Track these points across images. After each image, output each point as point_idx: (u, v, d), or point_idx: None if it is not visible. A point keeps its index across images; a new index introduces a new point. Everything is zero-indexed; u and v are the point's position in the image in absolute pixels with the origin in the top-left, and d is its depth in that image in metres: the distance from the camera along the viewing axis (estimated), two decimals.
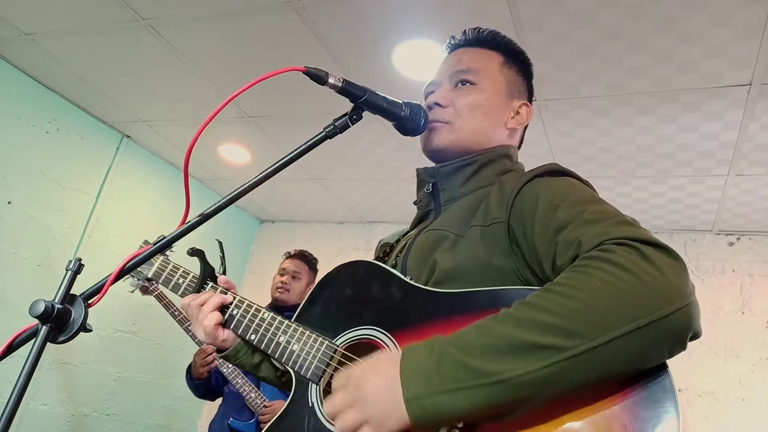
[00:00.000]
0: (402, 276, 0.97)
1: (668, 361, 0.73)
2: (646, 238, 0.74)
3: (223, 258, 1.24)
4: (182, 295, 1.24)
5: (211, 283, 1.20)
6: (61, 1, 2.46)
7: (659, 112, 2.50)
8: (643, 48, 2.15)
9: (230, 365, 2.63)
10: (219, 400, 2.92)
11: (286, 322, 1.06)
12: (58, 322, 0.77)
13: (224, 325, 1.14)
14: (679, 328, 0.69)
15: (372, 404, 0.74)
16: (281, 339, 1.04)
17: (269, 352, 1.06)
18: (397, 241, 1.19)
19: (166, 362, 3.91)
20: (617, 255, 0.71)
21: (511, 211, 0.92)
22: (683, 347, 0.71)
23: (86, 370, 3.45)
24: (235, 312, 1.14)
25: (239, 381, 2.60)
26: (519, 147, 1.21)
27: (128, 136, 3.68)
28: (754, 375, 3.14)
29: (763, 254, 3.36)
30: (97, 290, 0.82)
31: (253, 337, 1.09)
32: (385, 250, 1.20)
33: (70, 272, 0.80)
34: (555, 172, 0.97)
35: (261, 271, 4.54)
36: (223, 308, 1.15)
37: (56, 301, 0.77)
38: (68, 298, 0.79)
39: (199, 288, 1.19)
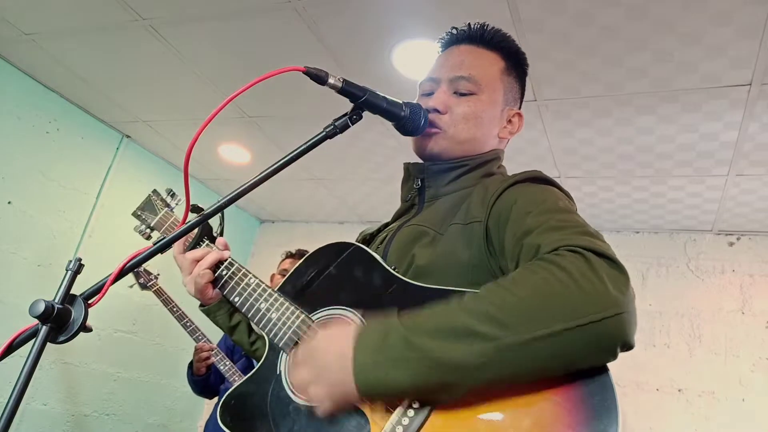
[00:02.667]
0: (387, 266, 0.99)
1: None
2: (598, 248, 0.77)
3: (222, 219, 1.26)
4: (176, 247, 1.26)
5: (207, 241, 1.22)
6: (61, 1, 2.46)
7: (659, 112, 2.50)
8: (643, 48, 2.15)
9: (227, 363, 2.65)
10: (216, 399, 2.94)
11: (269, 290, 1.08)
12: (58, 322, 0.77)
13: (213, 283, 1.18)
14: (608, 336, 0.71)
15: (330, 377, 0.79)
16: (262, 305, 1.06)
17: (249, 315, 1.09)
18: (379, 231, 1.21)
19: (166, 362, 3.91)
20: (564, 259, 0.75)
21: (490, 213, 0.96)
22: (613, 356, 0.73)
23: (86, 370, 3.45)
24: (224, 273, 1.16)
25: (236, 378, 2.61)
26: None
27: (128, 136, 3.68)
28: (754, 375, 3.14)
29: (763, 254, 3.36)
30: (97, 290, 0.82)
31: (236, 299, 1.12)
32: (365, 238, 1.22)
33: (70, 272, 0.80)
34: (536, 179, 1.00)
35: (261, 271, 4.53)
36: (214, 268, 1.18)
37: (56, 301, 0.77)
38: (68, 298, 0.79)
39: (195, 244, 1.22)
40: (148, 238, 1.43)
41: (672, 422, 3.18)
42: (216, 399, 2.92)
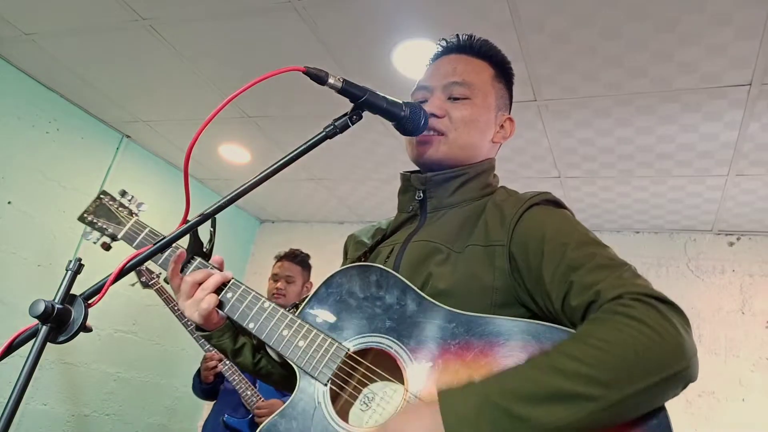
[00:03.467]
0: (416, 288, 0.97)
1: None
2: (657, 295, 0.82)
3: (213, 233, 1.16)
4: (161, 265, 1.17)
5: (199, 259, 1.15)
6: (61, 1, 2.46)
7: (659, 112, 2.50)
8: (643, 48, 2.15)
9: (227, 362, 2.64)
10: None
11: (290, 316, 1.04)
12: (58, 322, 0.77)
13: (218, 307, 1.10)
14: (688, 379, 0.79)
15: None
16: (285, 332, 1.02)
17: (271, 343, 1.03)
18: (378, 242, 1.19)
19: (166, 362, 3.91)
20: (637, 311, 0.79)
21: (512, 238, 0.96)
22: (683, 389, 0.80)
23: (86, 370, 3.45)
24: (229, 295, 1.10)
25: (236, 378, 2.61)
26: None
27: (128, 136, 3.68)
28: (754, 375, 3.14)
29: (763, 254, 3.36)
30: (97, 290, 0.82)
31: (251, 325, 1.05)
32: (363, 252, 1.18)
33: (70, 272, 0.80)
34: (552, 202, 1.02)
35: (261, 272, 4.54)
36: (216, 289, 1.10)
37: (56, 301, 0.77)
38: (68, 298, 0.79)
39: (187, 262, 1.14)
40: (108, 248, 1.32)
41: (672, 422, 3.17)
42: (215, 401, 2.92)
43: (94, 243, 1.30)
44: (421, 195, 1.13)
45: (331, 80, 0.94)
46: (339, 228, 4.47)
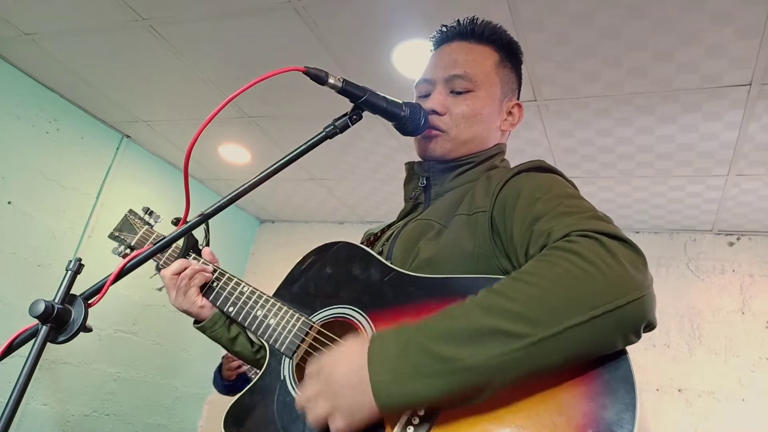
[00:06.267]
0: (381, 259, 0.98)
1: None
2: (610, 231, 0.76)
3: (207, 230, 1.24)
4: (163, 265, 1.23)
5: (193, 255, 1.20)
6: (61, 1, 2.46)
7: (659, 112, 2.50)
8: (643, 48, 2.15)
9: (254, 371, 2.67)
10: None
11: (265, 296, 1.08)
12: (58, 322, 0.77)
13: (204, 295, 1.16)
14: (633, 318, 0.71)
15: (341, 392, 0.75)
16: (258, 313, 1.06)
17: (246, 324, 1.07)
18: (383, 230, 1.20)
19: (166, 362, 3.91)
20: (580, 245, 0.74)
21: (495, 203, 0.95)
22: (638, 337, 0.73)
23: (86, 370, 3.45)
24: (215, 284, 1.15)
25: None
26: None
27: (128, 136, 3.67)
28: (754, 375, 3.14)
29: (763, 254, 3.36)
30: (97, 290, 0.82)
31: (231, 309, 1.11)
32: (369, 239, 1.21)
33: (70, 272, 0.80)
34: (541, 168, 0.99)
35: (261, 271, 4.54)
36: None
37: (56, 301, 0.77)
38: (68, 298, 0.79)
39: (182, 258, 1.20)
40: (125, 257, 1.37)
41: (672, 422, 3.17)
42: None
43: (119, 255, 1.37)
44: (425, 182, 1.13)
45: (331, 80, 0.94)
46: (339, 228, 4.47)
